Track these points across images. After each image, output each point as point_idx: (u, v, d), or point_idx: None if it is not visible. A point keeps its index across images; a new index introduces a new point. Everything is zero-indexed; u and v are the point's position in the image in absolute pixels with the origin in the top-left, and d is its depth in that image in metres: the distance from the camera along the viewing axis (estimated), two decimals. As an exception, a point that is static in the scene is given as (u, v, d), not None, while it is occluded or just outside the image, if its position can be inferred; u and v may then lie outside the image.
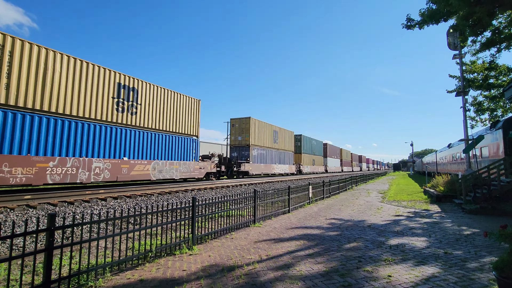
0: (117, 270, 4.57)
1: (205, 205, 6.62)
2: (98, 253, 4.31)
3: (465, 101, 15.85)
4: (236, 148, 30.67)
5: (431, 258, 5.27)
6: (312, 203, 13.13)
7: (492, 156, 14.25)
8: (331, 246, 6.08)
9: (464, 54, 16.03)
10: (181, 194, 14.64)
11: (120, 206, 10.65)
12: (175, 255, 5.45)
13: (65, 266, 4.62)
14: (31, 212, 8.81)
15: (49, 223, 3.72)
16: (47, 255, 3.65)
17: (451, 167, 26.27)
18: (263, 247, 6.04)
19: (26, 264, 4.95)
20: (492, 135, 14.39)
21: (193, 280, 4.23)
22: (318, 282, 4.14)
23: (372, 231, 7.56)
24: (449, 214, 10.32)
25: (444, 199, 14.00)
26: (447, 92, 19.10)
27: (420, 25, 12.01)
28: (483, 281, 4.19)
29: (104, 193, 12.86)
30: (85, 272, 4.08)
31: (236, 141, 30.88)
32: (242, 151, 30.09)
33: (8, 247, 6.08)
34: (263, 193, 9.15)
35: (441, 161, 33.99)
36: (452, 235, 7.18)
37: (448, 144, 29.51)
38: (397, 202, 13.95)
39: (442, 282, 4.13)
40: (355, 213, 10.57)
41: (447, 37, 16.35)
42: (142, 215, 5.01)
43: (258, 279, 4.26)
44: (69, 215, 8.72)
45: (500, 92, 17.53)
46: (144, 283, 4.12)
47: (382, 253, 5.58)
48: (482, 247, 6.03)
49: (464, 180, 12.15)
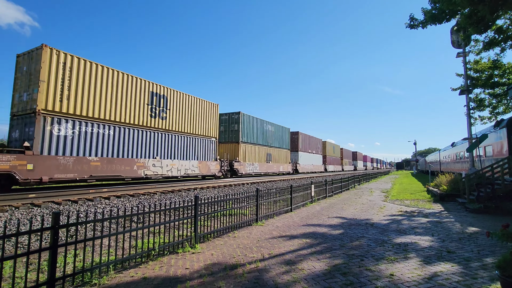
0: (121, 268, 4.61)
1: (207, 203, 6.65)
2: (102, 251, 4.35)
3: (469, 100, 15.75)
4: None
5: (434, 257, 5.25)
6: (314, 202, 13.12)
7: (496, 155, 14.14)
8: (333, 245, 6.08)
9: (467, 53, 15.91)
10: (183, 192, 14.69)
11: (123, 204, 10.72)
12: (178, 253, 5.48)
13: (69, 264, 4.67)
14: (35, 211, 8.89)
15: (54, 221, 3.76)
16: (51, 253, 3.69)
17: (455, 166, 26.12)
18: (265, 245, 6.05)
19: (31, 262, 5.01)
20: (496, 134, 14.28)
21: (196, 278, 4.26)
22: (320, 281, 4.14)
23: (375, 230, 7.55)
24: (452, 213, 10.28)
25: (447, 198, 13.92)
26: (452, 90, 18.98)
27: (424, 24, 11.93)
28: (486, 280, 4.17)
29: (108, 191, 12.94)
30: (89, 270, 4.13)
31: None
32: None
33: (14, 245, 6.15)
34: (265, 192, 9.17)
35: (444, 160, 33.80)
36: (455, 234, 7.15)
37: (452, 143, 29.33)
38: (400, 201, 13.90)
39: (445, 281, 4.12)
40: (357, 212, 10.56)
41: (450, 35, 16.23)
42: (145, 214, 5.04)
43: (261, 278, 4.27)
44: (73, 213, 8.79)
45: (505, 91, 17.39)
46: (147, 281, 4.15)
47: (384, 252, 5.57)
48: (485, 246, 6.01)
49: (467, 179, 12.08)
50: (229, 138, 27.30)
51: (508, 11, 9.72)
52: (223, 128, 27.57)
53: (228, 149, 26.97)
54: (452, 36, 16.11)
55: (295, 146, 40.86)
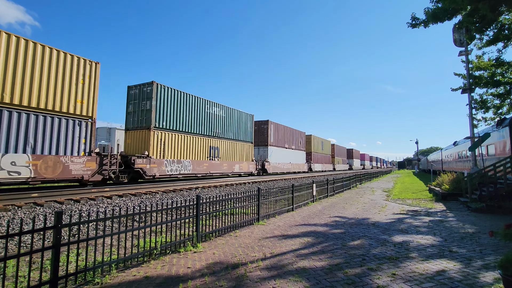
0: (123, 267, 4.63)
1: (209, 203, 6.66)
2: (104, 250, 4.37)
3: (471, 99, 15.67)
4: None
5: (436, 256, 5.24)
6: (316, 201, 13.12)
7: (499, 154, 14.08)
8: (335, 244, 6.08)
9: (470, 51, 15.82)
10: (185, 192, 14.72)
11: (125, 204, 10.75)
12: (180, 252, 5.50)
13: (72, 263, 4.69)
14: (38, 210, 8.93)
15: (56, 220, 3.78)
16: (54, 252, 3.71)
17: (457, 165, 26.03)
18: (267, 245, 6.06)
19: (34, 261, 5.04)
20: (498, 132, 14.22)
21: (197, 277, 4.27)
22: (322, 280, 4.15)
23: (377, 229, 7.54)
24: (455, 213, 10.25)
25: (449, 198, 13.88)
26: (452, 90, 18.89)
27: (425, 23, 11.89)
28: (488, 279, 4.16)
29: (110, 191, 12.98)
30: (92, 269, 4.14)
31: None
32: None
33: (17, 244, 6.19)
34: (266, 191, 9.17)
35: (446, 159, 33.69)
36: (457, 233, 7.13)
37: (454, 142, 29.22)
38: (402, 200, 13.88)
39: (447, 281, 4.11)
40: (359, 211, 10.54)
41: (452, 33, 16.16)
42: (147, 213, 5.06)
43: (263, 277, 4.28)
44: (75, 213, 8.83)
45: (507, 90, 17.29)
46: (149, 280, 4.17)
47: (386, 251, 5.57)
48: (488, 245, 5.99)
49: (469, 178, 12.04)
50: (139, 122, 18.43)
51: (510, 9, 9.66)
52: (132, 107, 18.94)
53: (136, 138, 18.39)
54: (454, 34, 16.04)
55: (263, 140, 32.20)
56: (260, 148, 32.38)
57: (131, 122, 19.02)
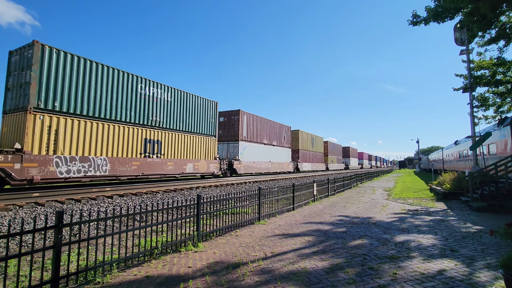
0: (124, 266, 4.63)
1: (210, 202, 6.66)
2: (105, 249, 4.37)
3: (472, 98, 15.64)
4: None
5: (437, 256, 5.23)
6: (316, 200, 13.11)
7: (500, 153, 14.05)
8: (336, 244, 6.07)
9: (471, 50, 15.77)
10: (186, 191, 14.73)
11: (126, 203, 10.76)
12: (181, 252, 5.50)
13: (73, 262, 4.69)
14: (39, 210, 8.95)
15: (57, 220, 3.78)
16: (55, 252, 3.72)
17: (458, 164, 25.98)
18: (268, 244, 6.06)
19: (35, 260, 5.05)
20: (499, 131, 14.18)
21: (198, 276, 4.27)
22: (323, 279, 4.14)
23: (378, 229, 7.53)
24: (456, 212, 10.23)
25: (450, 197, 13.86)
26: (454, 90, 18.87)
27: (426, 21, 11.86)
28: (490, 279, 4.15)
29: (110, 190, 13.00)
30: (93, 269, 4.14)
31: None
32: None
33: (18, 243, 6.20)
34: (267, 190, 9.17)
35: (447, 158, 33.62)
36: (458, 232, 7.12)
37: (455, 141, 29.16)
38: (403, 200, 13.86)
39: (448, 280, 4.10)
40: (360, 211, 10.53)
41: (454, 32, 16.11)
42: (147, 213, 5.06)
43: (263, 276, 4.28)
44: (76, 212, 8.84)
45: (509, 89, 17.26)
46: (150, 279, 4.17)
47: (387, 251, 5.56)
48: (489, 245, 5.97)
49: (471, 177, 12.01)
50: (17, 102, 12.59)
51: (511, 9, 9.62)
52: (12, 81, 13.03)
53: (13, 125, 12.51)
54: (455, 33, 16.00)
55: (234, 133, 27.17)
56: (229, 143, 27.12)
57: (10, 103, 12.98)
